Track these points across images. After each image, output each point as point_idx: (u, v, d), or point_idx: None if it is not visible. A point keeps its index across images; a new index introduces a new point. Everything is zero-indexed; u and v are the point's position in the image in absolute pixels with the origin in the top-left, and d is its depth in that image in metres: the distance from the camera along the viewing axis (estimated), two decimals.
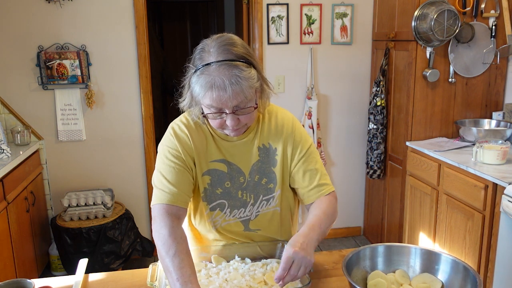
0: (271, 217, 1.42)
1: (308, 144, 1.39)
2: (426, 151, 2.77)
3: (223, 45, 1.19)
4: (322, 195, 1.36)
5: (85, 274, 1.41)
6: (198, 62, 1.20)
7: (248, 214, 1.41)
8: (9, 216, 2.55)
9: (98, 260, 2.97)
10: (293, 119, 1.41)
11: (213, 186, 1.37)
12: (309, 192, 1.37)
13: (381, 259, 1.28)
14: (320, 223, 1.27)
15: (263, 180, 1.39)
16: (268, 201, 1.40)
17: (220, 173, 1.37)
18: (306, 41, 3.39)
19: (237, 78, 1.15)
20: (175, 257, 1.14)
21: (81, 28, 3.10)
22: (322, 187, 1.37)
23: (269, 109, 1.40)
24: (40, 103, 3.15)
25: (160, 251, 1.18)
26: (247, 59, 1.20)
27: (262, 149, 1.38)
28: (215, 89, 1.15)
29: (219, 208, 1.38)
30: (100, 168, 3.33)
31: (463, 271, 1.16)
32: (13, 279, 1.23)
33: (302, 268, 1.15)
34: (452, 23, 2.72)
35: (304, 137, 1.40)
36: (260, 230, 1.44)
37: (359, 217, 3.84)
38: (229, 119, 1.21)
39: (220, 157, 1.36)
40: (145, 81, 3.26)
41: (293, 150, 1.37)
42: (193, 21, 6.41)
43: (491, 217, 2.27)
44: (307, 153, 1.38)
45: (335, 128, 3.61)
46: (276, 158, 1.38)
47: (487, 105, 3.02)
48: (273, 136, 1.38)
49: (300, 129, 1.41)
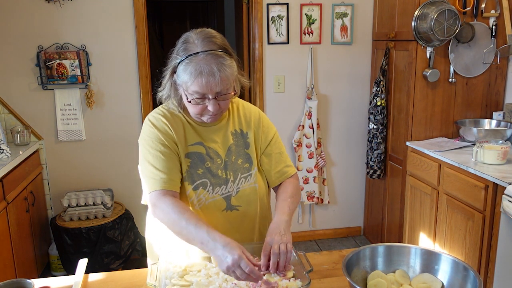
0: (250, 193, 1.50)
1: (274, 131, 1.57)
2: (426, 151, 2.76)
3: (207, 37, 1.32)
4: (286, 178, 1.54)
5: (85, 274, 1.41)
6: (183, 53, 1.32)
7: (229, 190, 1.47)
8: (9, 216, 2.55)
9: (98, 260, 2.97)
10: (258, 110, 1.59)
11: (194, 168, 1.44)
12: (274, 175, 1.54)
13: (381, 259, 1.28)
14: (288, 205, 1.43)
15: (239, 160, 1.49)
16: (246, 178, 1.50)
17: (199, 154, 1.45)
18: (306, 41, 3.39)
19: (223, 65, 1.28)
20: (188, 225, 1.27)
21: (81, 28, 3.10)
22: (285, 169, 1.55)
23: (235, 101, 1.56)
24: (40, 103, 3.15)
25: (173, 229, 1.32)
26: (227, 50, 1.34)
27: (235, 133, 1.51)
28: (204, 76, 1.27)
29: (202, 187, 1.44)
30: (100, 168, 3.33)
31: (463, 271, 1.16)
32: (13, 279, 1.23)
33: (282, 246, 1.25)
34: (452, 23, 2.72)
35: (270, 124, 1.58)
36: (241, 207, 1.49)
37: (359, 217, 3.84)
38: (211, 104, 1.33)
39: (198, 140, 1.46)
40: (145, 81, 3.26)
41: (261, 134, 1.53)
42: (193, 21, 6.41)
43: (491, 217, 2.27)
44: (273, 139, 1.55)
45: (335, 128, 3.61)
46: (248, 141, 1.52)
47: (487, 105, 3.01)
48: (243, 123, 1.53)
49: (265, 117, 1.58)
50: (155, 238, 1.57)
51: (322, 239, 3.78)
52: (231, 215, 1.48)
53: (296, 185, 1.54)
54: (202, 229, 1.25)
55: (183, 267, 1.31)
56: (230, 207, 1.47)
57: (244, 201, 1.49)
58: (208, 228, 1.26)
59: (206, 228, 1.25)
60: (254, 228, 1.53)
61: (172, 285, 1.22)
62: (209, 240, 1.22)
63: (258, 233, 1.55)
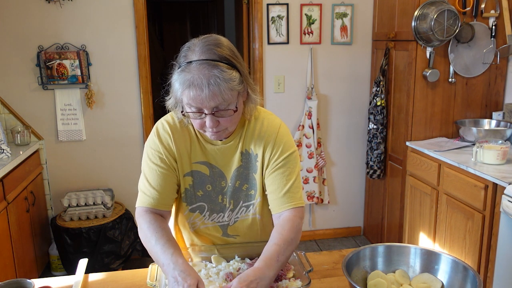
0: (250, 224, 1.42)
1: (289, 152, 1.33)
2: (426, 151, 2.77)
3: (207, 45, 1.18)
4: (288, 207, 1.30)
5: (85, 274, 1.41)
6: (182, 60, 1.20)
7: (226, 220, 1.41)
8: (9, 216, 2.55)
9: (98, 260, 2.97)
10: (280, 125, 1.36)
11: (195, 188, 1.37)
12: (276, 200, 1.32)
13: (381, 259, 1.28)
14: (278, 255, 1.19)
15: (244, 186, 1.38)
16: (248, 208, 1.40)
17: (202, 175, 1.36)
18: (306, 41, 3.39)
19: (216, 78, 1.13)
20: (156, 245, 1.21)
21: (81, 28, 3.10)
22: (290, 198, 1.31)
23: (256, 115, 1.36)
24: (40, 103, 3.15)
25: (145, 246, 1.26)
26: (230, 61, 1.18)
27: (245, 154, 1.35)
28: (192, 88, 1.14)
29: (199, 211, 1.39)
30: (100, 168, 3.33)
31: (463, 271, 1.16)
32: (13, 279, 1.23)
33: None
34: (452, 23, 2.72)
35: (286, 144, 1.34)
36: (239, 236, 1.44)
37: (359, 217, 3.84)
38: (208, 120, 1.19)
39: (203, 159, 1.35)
40: (145, 81, 3.26)
41: (271, 155, 1.33)
42: (193, 21, 6.41)
43: (491, 217, 2.27)
44: (285, 160, 1.33)
45: (335, 128, 3.61)
46: (257, 164, 1.35)
47: (487, 105, 3.02)
48: (255, 142, 1.34)
49: (283, 135, 1.35)
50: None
51: (322, 239, 3.78)
52: (229, 240, 1.45)
53: (296, 225, 1.28)
54: (168, 251, 1.17)
55: None
56: (227, 235, 1.43)
57: (242, 232, 1.43)
58: (175, 251, 1.17)
59: (173, 251, 1.17)
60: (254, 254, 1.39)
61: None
62: (170, 263, 1.14)
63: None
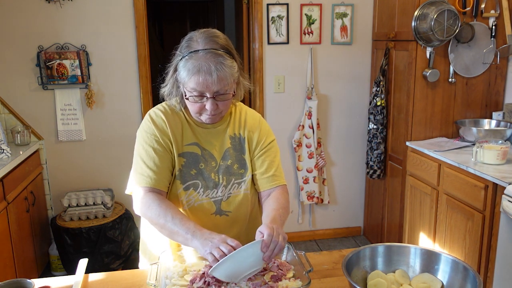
0: (241, 199, 1.49)
1: (271, 139, 1.53)
2: (426, 151, 2.77)
3: (209, 36, 1.34)
4: (275, 185, 1.49)
5: (85, 274, 1.41)
6: (185, 50, 1.33)
7: (220, 195, 1.47)
8: (9, 216, 2.55)
9: (98, 260, 2.97)
10: (260, 116, 1.58)
11: (188, 167, 1.44)
12: (263, 179, 1.49)
13: (381, 259, 1.28)
14: (280, 215, 1.36)
15: (235, 165, 1.49)
16: (240, 185, 1.49)
17: (194, 155, 1.46)
18: (306, 41, 3.39)
19: (222, 65, 1.29)
20: (174, 219, 1.29)
21: (81, 28, 3.10)
22: (275, 177, 1.49)
23: (239, 106, 1.55)
24: (40, 103, 3.15)
25: (157, 222, 1.32)
26: (229, 50, 1.35)
27: (233, 137, 1.50)
28: (201, 73, 1.28)
29: (193, 188, 1.45)
30: (100, 168, 3.33)
31: (463, 271, 1.16)
32: (13, 279, 1.23)
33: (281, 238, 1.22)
34: (452, 23, 2.72)
35: (268, 131, 1.54)
36: (231, 213, 1.48)
37: (359, 217, 3.84)
38: (209, 103, 1.33)
39: (194, 140, 1.46)
40: (145, 81, 3.26)
41: (257, 140, 1.51)
42: (193, 21, 6.41)
43: (491, 217, 2.27)
44: (269, 146, 1.51)
45: (335, 128, 3.61)
46: (245, 147, 1.50)
47: (487, 105, 3.02)
48: (243, 127, 1.51)
49: (265, 124, 1.56)
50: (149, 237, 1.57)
51: (322, 239, 3.78)
52: (220, 220, 1.47)
53: (287, 197, 1.48)
54: (190, 222, 1.29)
55: (183, 267, 1.31)
56: (220, 211, 1.47)
57: (235, 207, 1.48)
58: (195, 223, 1.30)
59: (194, 223, 1.29)
60: (242, 234, 1.51)
61: (172, 285, 1.22)
62: (195, 230, 1.25)
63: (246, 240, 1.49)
